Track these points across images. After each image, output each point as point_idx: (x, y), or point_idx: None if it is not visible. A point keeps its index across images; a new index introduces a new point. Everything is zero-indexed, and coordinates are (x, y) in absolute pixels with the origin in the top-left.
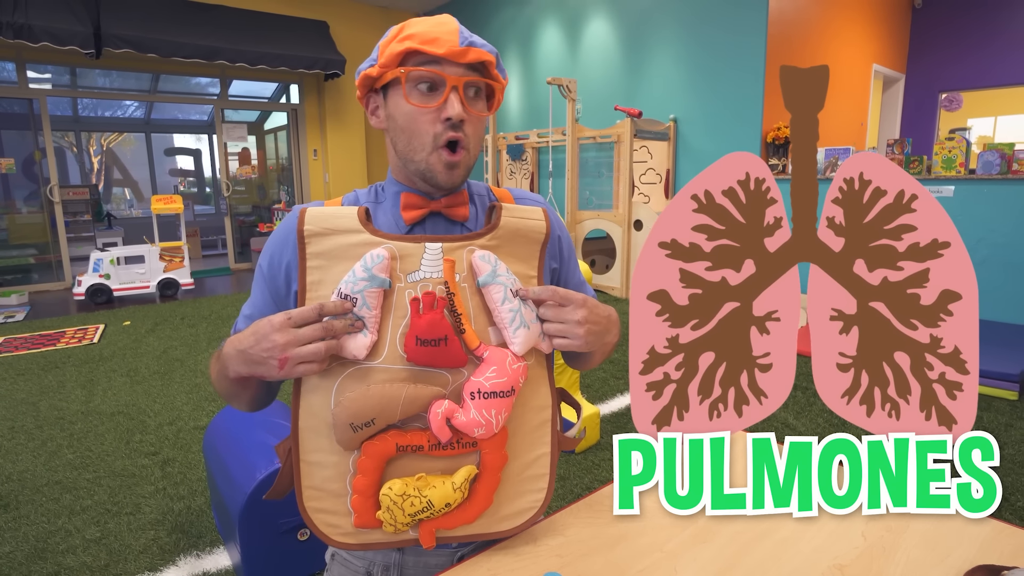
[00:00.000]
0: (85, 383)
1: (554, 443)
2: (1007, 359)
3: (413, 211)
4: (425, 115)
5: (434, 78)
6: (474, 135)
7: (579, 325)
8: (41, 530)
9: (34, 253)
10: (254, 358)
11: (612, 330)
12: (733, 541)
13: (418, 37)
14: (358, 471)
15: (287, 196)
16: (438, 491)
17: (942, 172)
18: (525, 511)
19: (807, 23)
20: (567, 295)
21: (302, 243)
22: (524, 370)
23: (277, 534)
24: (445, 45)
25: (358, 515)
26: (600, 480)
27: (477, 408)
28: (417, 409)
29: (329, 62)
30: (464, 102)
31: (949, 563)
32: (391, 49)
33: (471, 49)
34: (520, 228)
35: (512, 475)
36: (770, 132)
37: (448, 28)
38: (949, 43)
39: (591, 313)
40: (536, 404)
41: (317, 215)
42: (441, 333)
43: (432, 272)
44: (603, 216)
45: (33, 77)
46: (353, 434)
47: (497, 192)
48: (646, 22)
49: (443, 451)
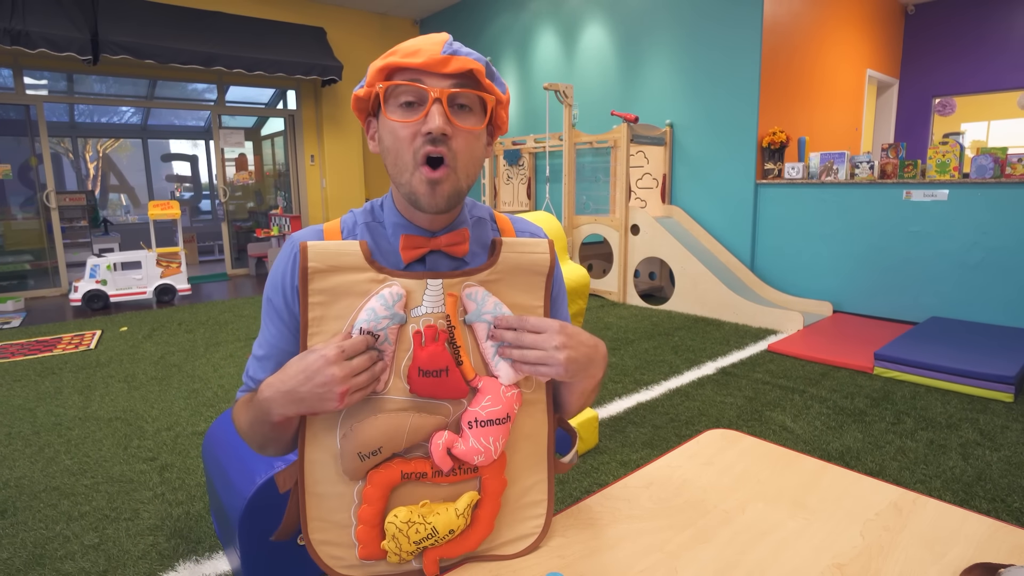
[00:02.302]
0: (82, 389)
1: (550, 469)
2: (1003, 361)
3: (413, 251)
4: (407, 130)
5: (415, 91)
6: (463, 151)
7: (558, 351)
8: (39, 536)
9: (30, 259)
10: (308, 395)
11: (597, 361)
12: (733, 541)
13: (401, 51)
14: (363, 501)
15: (284, 202)
16: (442, 518)
17: (936, 176)
18: (526, 537)
19: (802, 29)
20: (541, 322)
21: (305, 279)
22: (518, 397)
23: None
24: (425, 55)
25: (363, 545)
26: (599, 483)
27: (475, 436)
28: (421, 438)
29: (326, 68)
30: (449, 115)
31: (946, 561)
32: (375, 66)
33: (453, 58)
34: (521, 263)
35: (511, 501)
36: (765, 137)
37: (433, 40)
38: (942, 48)
39: (570, 339)
40: (533, 431)
41: (321, 252)
42: (442, 364)
43: (434, 307)
44: (600, 221)
45: (30, 83)
46: (360, 463)
47: (499, 220)
48: (642, 28)
49: (445, 478)
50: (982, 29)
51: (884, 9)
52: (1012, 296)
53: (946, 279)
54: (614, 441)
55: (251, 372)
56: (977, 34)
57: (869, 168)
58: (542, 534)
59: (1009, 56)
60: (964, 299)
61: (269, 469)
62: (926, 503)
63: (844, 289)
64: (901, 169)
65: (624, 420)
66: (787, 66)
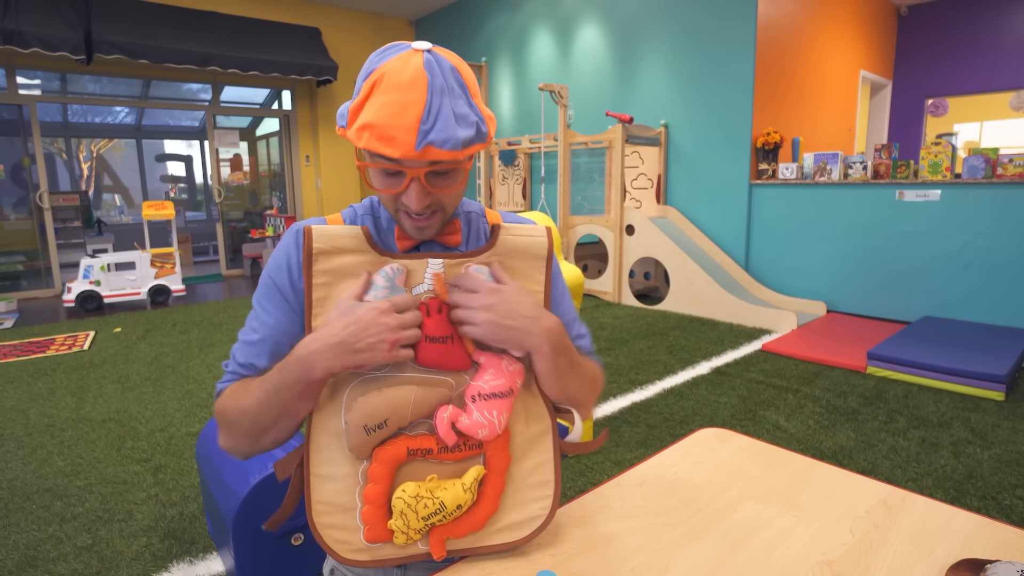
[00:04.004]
0: (75, 390)
1: (555, 450)
2: (994, 360)
3: (408, 241)
4: (388, 196)
5: (395, 171)
6: (447, 200)
7: (481, 311)
8: (32, 538)
9: (23, 260)
10: (361, 345)
11: (536, 333)
12: (724, 539)
13: (375, 131)
14: (369, 480)
15: (279, 202)
16: (449, 492)
17: (929, 176)
18: (533, 519)
19: (795, 29)
20: (477, 284)
21: (309, 260)
22: (521, 372)
23: (271, 539)
24: (400, 148)
25: (369, 527)
26: (592, 482)
27: (479, 410)
28: (426, 411)
29: (321, 68)
30: (427, 187)
31: (934, 558)
32: (352, 134)
33: (429, 150)
34: (519, 245)
35: (516, 480)
36: (759, 137)
37: (407, 122)
38: (935, 49)
39: (500, 304)
40: (534, 412)
41: (325, 234)
42: (448, 331)
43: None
44: (595, 221)
45: (23, 83)
46: (366, 437)
47: (489, 215)
48: (637, 29)
49: (450, 455)
50: (974, 31)
51: (877, 10)
52: (1003, 295)
53: (938, 279)
54: (608, 440)
55: (240, 359)
56: (969, 36)
57: (862, 168)
58: (549, 517)
59: (1001, 57)
60: (956, 299)
61: (263, 469)
62: (915, 500)
63: (837, 289)
64: (894, 169)
65: (619, 420)
66: (781, 67)
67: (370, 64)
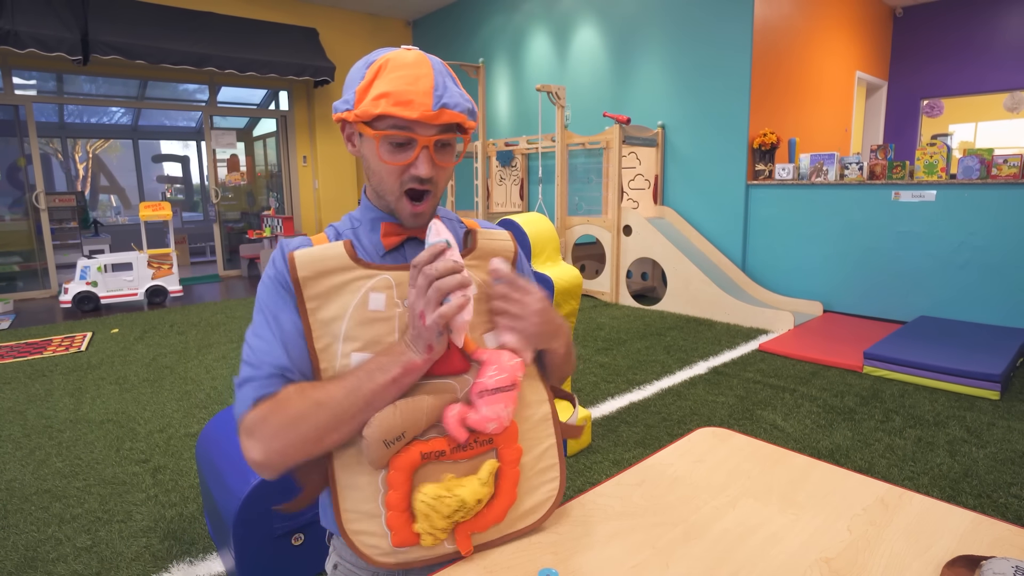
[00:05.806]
0: (73, 391)
1: (557, 433)
2: (989, 360)
3: (393, 238)
4: (395, 168)
5: (407, 140)
6: (442, 180)
7: (535, 315)
8: (31, 539)
9: (19, 261)
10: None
11: (564, 331)
12: (723, 537)
13: (392, 98)
14: (389, 487)
15: (276, 203)
16: (467, 488)
17: (924, 177)
18: (545, 503)
19: (791, 30)
20: (529, 286)
21: (298, 288)
22: (521, 366)
23: (271, 539)
24: (418, 109)
25: (395, 532)
26: (592, 482)
27: (486, 405)
28: (437, 417)
29: (318, 69)
30: (435, 159)
31: (931, 555)
32: (365, 107)
33: (444, 112)
34: (495, 249)
35: (527, 468)
36: (756, 138)
37: (422, 88)
38: (930, 51)
39: (548, 309)
40: (535, 399)
41: (307, 260)
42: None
43: None
44: (593, 221)
45: (19, 83)
46: (386, 450)
47: (465, 221)
48: (634, 30)
49: (463, 453)
50: (969, 32)
51: (872, 12)
52: (998, 295)
53: (934, 279)
54: (607, 440)
55: (269, 359)
56: (964, 37)
57: (858, 169)
58: (558, 497)
59: (995, 58)
60: (952, 298)
61: None
62: (912, 498)
63: (834, 289)
64: (890, 170)
65: (617, 420)
66: (777, 68)
67: (368, 58)
